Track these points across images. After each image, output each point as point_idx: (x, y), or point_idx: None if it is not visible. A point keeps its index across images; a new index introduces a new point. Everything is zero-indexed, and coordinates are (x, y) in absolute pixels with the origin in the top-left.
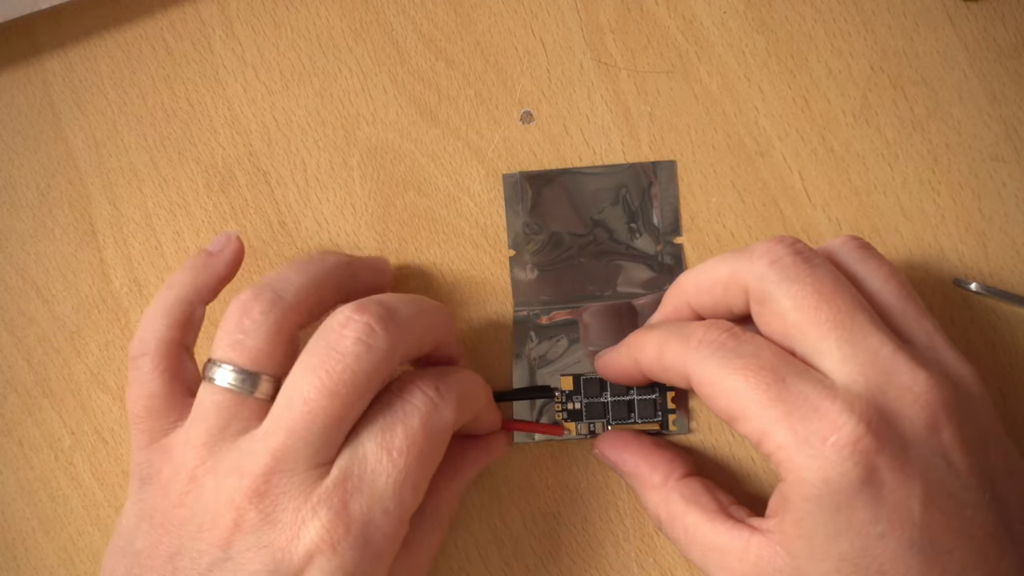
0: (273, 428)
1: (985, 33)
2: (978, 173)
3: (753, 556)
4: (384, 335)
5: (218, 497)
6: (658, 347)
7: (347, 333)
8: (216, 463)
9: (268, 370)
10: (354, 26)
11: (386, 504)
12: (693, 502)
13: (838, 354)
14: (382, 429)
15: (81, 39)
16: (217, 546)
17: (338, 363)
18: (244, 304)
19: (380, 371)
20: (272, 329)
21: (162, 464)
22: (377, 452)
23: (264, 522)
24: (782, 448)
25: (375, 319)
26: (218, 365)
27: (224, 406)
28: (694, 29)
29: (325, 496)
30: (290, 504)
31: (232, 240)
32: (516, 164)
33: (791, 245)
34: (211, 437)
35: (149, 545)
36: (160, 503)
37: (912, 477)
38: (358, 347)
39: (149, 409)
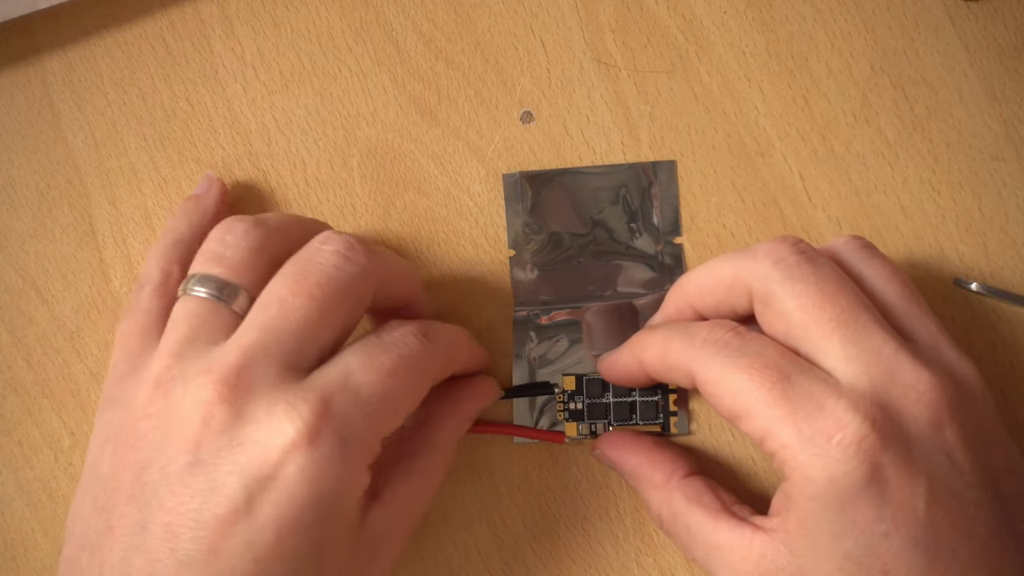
0: (246, 327)
1: (985, 33)
2: (978, 173)
3: (756, 555)
4: (363, 253)
5: (184, 399)
6: (662, 347)
7: (327, 247)
8: (183, 369)
9: (245, 284)
10: (354, 26)
11: (367, 410)
12: (696, 501)
13: (842, 353)
14: (369, 352)
15: (81, 39)
16: (186, 450)
17: (316, 269)
18: (227, 223)
19: (358, 286)
20: (253, 246)
21: (128, 383)
22: (363, 367)
23: (236, 418)
24: (786, 447)
25: (355, 240)
26: (197, 278)
27: (197, 314)
28: (694, 29)
29: (303, 393)
30: (263, 400)
31: (214, 181)
32: (516, 164)
33: (794, 245)
34: (179, 345)
35: (115, 466)
36: (124, 419)
37: (916, 475)
38: (337, 258)
39: (140, 326)
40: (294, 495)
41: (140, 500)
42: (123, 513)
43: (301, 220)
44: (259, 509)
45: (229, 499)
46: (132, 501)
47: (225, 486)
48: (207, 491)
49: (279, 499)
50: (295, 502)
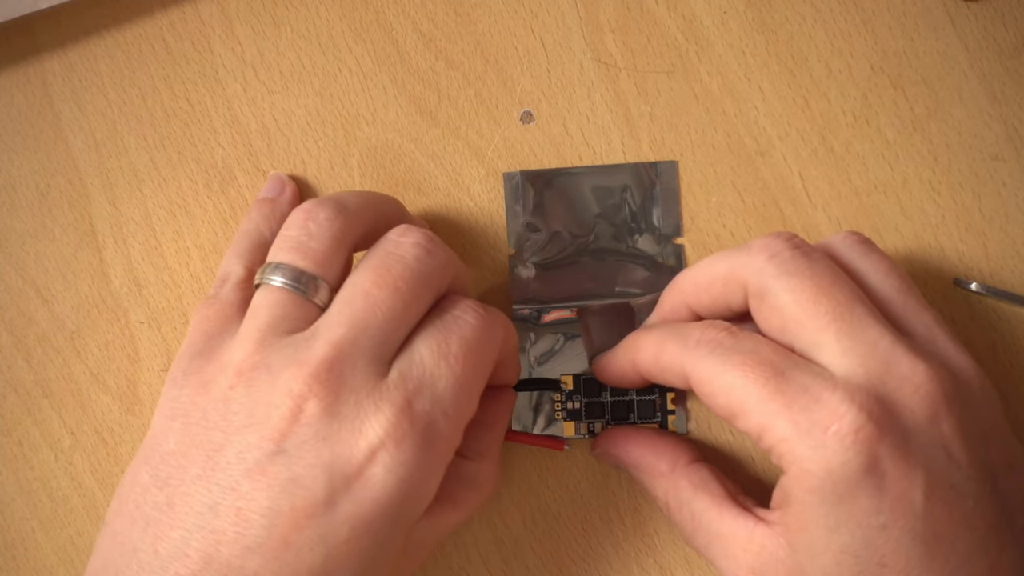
0: (333, 322)
1: (985, 33)
2: (978, 173)
3: (756, 546)
4: (440, 246)
5: (273, 388)
6: (656, 348)
7: (405, 240)
8: (267, 357)
9: (327, 276)
10: (354, 26)
11: (445, 407)
12: (701, 488)
13: (837, 347)
14: (436, 338)
15: (81, 39)
16: (269, 439)
17: (398, 263)
18: (309, 210)
19: (435, 278)
20: (336, 235)
21: (204, 364)
22: (434, 357)
23: (325, 413)
24: (783, 440)
25: (430, 234)
26: (277, 267)
27: (279, 304)
28: (694, 29)
29: (387, 393)
30: (351, 397)
31: (286, 183)
32: (516, 164)
33: (789, 240)
34: (262, 334)
35: (185, 443)
36: (199, 399)
37: (914, 467)
38: (417, 250)
39: (220, 312)
40: (376, 496)
41: (211, 481)
42: (189, 492)
43: (377, 202)
44: (339, 506)
45: (310, 492)
46: (201, 481)
47: (307, 478)
48: (287, 481)
49: (361, 498)
50: (376, 503)
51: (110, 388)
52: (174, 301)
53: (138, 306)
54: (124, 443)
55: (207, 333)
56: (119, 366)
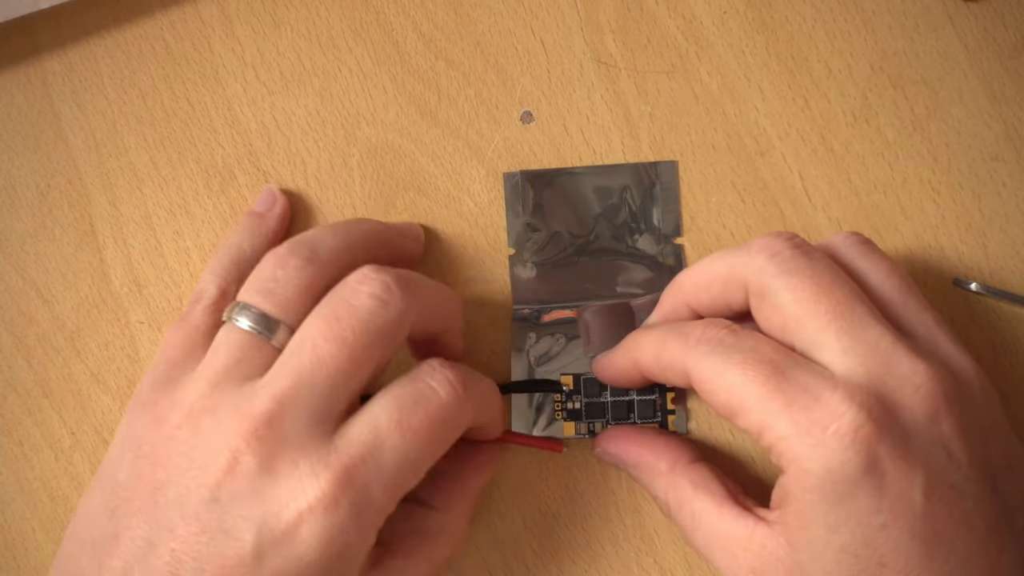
0: (279, 373)
1: (985, 33)
2: (978, 173)
3: (757, 545)
4: (400, 295)
5: (214, 436)
6: (656, 347)
7: (363, 288)
8: (217, 402)
9: (290, 320)
10: (354, 26)
11: (386, 479)
12: (702, 487)
13: (838, 346)
14: (400, 405)
15: (81, 39)
16: (206, 486)
17: (351, 314)
18: (280, 256)
19: (392, 330)
20: (304, 284)
21: (161, 396)
22: (391, 425)
23: (260, 470)
24: (783, 439)
25: (393, 279)
26: (242, 307)
27: (238, 346)
28: (694, 29)
29: (328, 456)
30: (288, 455)
31: (278, 197)
32: (516, 164)
33: (789, 239)
34: (217, 375)
35: (133, 476)
36: (150, 434)
37: (914, 467)
38: (372, 302)
39: (186, 338)
40: (302, 556)
41: (151, 518)
42: (132, 525)
43: (353, 243)
44: (266, 562)
45: (238, 545)
46: (143, 515)
47: (236, 530)
48: (218, 531)
49: (287, 557)
50: (302, 563)
51: (110, 388)
52: (174, 301)
53: (138, 306)
54: None
55: (171, 361)
56: (119, 366)
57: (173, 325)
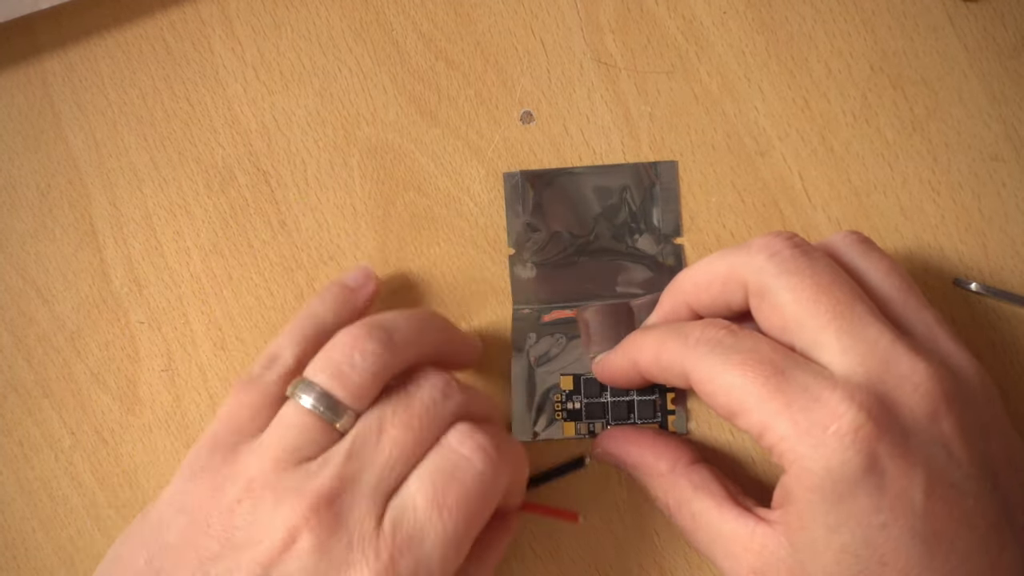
0: (343, 453)
1: (985, 33)
2: (978, 173)
3: (758, 545)
4: (457, 391)
5: (275, 513)
6: (656, 348)
7: (425, 383)
8: (279, 480)
9: (359, 407)
10: (354, 26)
11: (431, 566)
12: (702, 488)
13: (837, 345)
14: (434, 483)
15: (81, 39)
16: (258, 563)
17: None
18: (358, 338)
19: (448, 420)
20: (377, 370)
21: (222, 465)
22: (427, 507)
23: (316, 550)
24: (784, 439)
25: (449, 378)
26: (313, 387)
27: (306, 428)
28: (694, 29)
29: (375, 543)
30: (344, 537)
31: (371, 278)
32: (516, 164)
33: (789, 239)
34: (284, 453)
35: (183, 542)
36: (207, 503)
37: (914, 466)
38: (435, 392)
39: (257, 402)
40: None
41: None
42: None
43: (422, 335)
44: None
45: None
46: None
47: None
48: None
49: None
50: None
51: (110, 388)
52: (174, 301)
53: (138, 306)
54: (124, 443)
55: (237, 424)
56: (119, 366)
57: (241, 384)
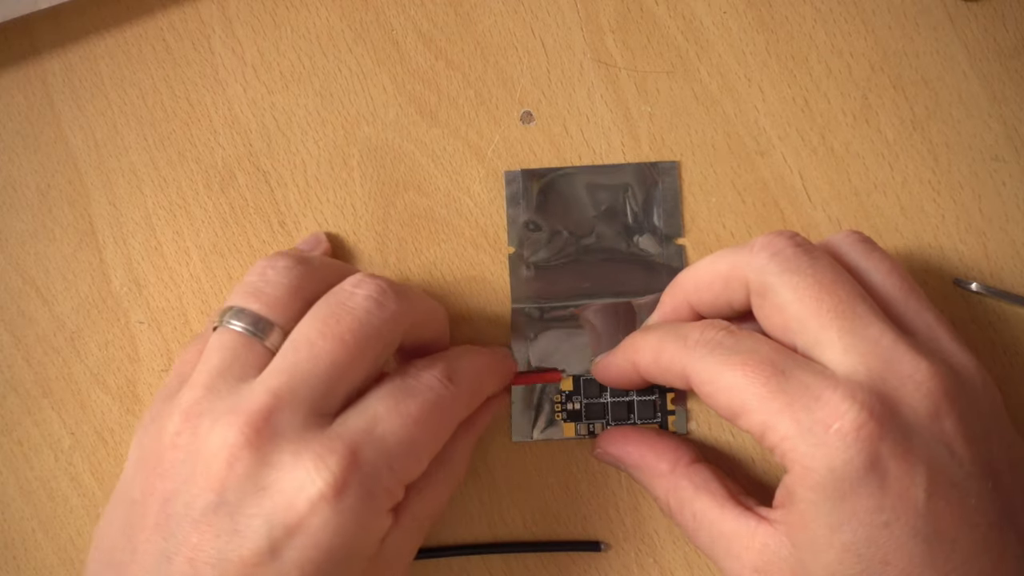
0: (275, 368)
1: (985, 33)
2: (978, 173)
3: (759, 544)
4: (395, 298)
5: (211, 437)
6: (655, 349)
7: (358, 291)
8: (212, 404)
9: (281, 321)
10: (354, 26)
11: (392, 461)
12: (703, 488)
13: (839, 344)
14: (395, 396)
15: (81, 39)
16: (210, 489)
17: (347, 314)
18: (271, 257)
19: (387, 332)
20: (294, 283)
21: (162, 408)
22: (389, 412)
23: (261, 463)
24: (786, 439)
25: (387, 283)
26: (232, 310)
27: (230, 347)
28: (694, 29)
29: (332, 442)
30: (289, 447)
31: (321, 241)
32: (516, 164)
33: (791, 238)
34: (211, 378)
35: (143, 492)
36: (155, 446)
37: (916, 465)
38: (368, 303)
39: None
40: (319, 543)
41: (165, 531)
42: (148, 539)
43: (344, 266)
44: (284, 554)
45: (253, 543)
46: (158, 530)
47: (249, 529)
48: (231, 532)
49: (304, 546)
50: (320, 549)
51: (110, 388)
52: (174, 301)
53: (138, 306)
54: (124, 443)
55: (180, 375)
56: (119, 366)
57: (188, 342)
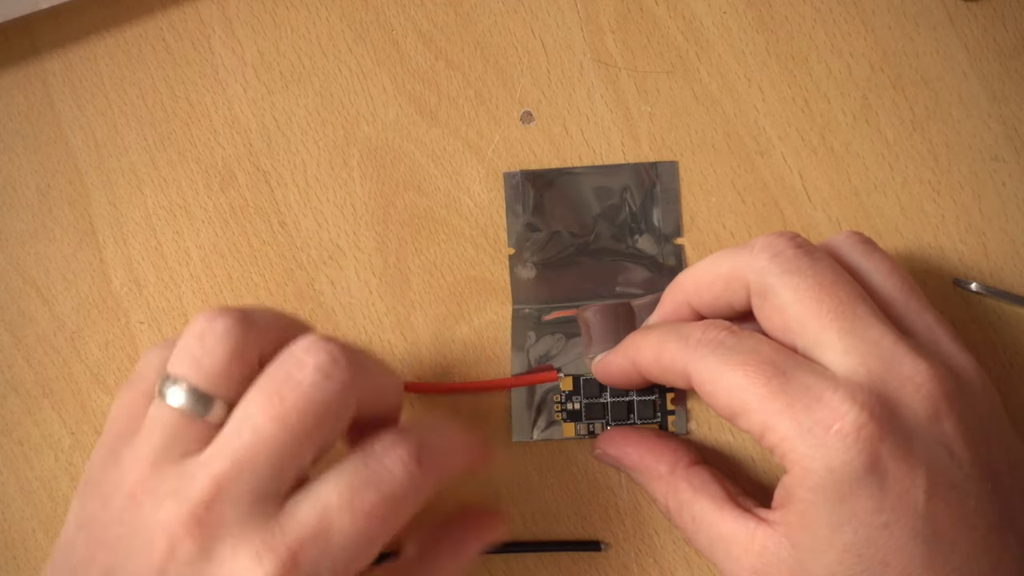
0: (218, 454)
1: (985, 33)
2: (978, 173)
3: (758, 546)
4: (347, 368)
5: (154, 520)
6: (656, 348)
7: (308, 360)
8: (157, 483)
9: (222, 393)
10: (354, 26)
11: (336, 565)
12: (701, 490)
13: (840, 345)
14: (352, 486)
15: (81, 39)
16: (151, 571)
17: (294, 390)
18: (208, 319)
19: (338, 406)
20: (236, 349)
21: (107, 472)
22: (341, 508)
23: (200, 555)
24: (786, 439)
25: (339, 350)
26: (172, 381)
27: (171, 425)
28: (694, 29)
29: (272, 539)
30: (230, 539)
31: None
32: (516, 164)
33: (792, 239)
34: (155, 455)
35: (85, 557)
36: (99, 514)
37: (916, 466)
38: (317, 375)
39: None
40: None
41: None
42: None
43: (293, 321)
44: None
45: None
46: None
47: None
48: None
49: None
50: None
51: (110, 388)
52: (174, 301)
53: (138, 306)
54: None
55: (118, 431)
56: (119, 366)
57: (123, 387)
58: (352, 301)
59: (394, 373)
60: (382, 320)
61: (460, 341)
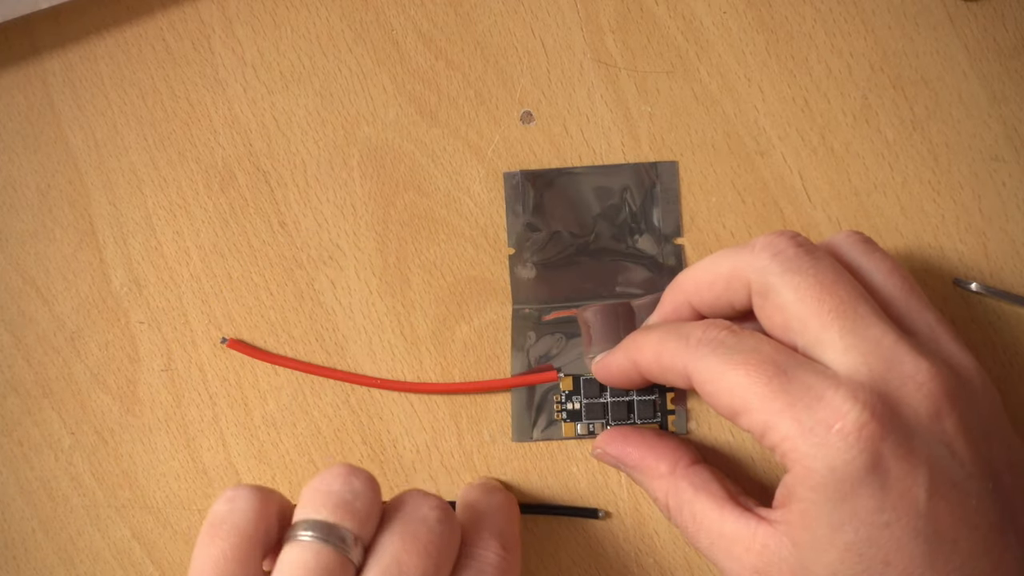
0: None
1: (985, 33)
2: (978, 173)
3: (759, 545)
4: (452, 512)
5: None
6: (656, 348)
7: (425, 504)
8: None
9: (365, 535)
10: (354, 26)
11: None
12: (702, 489)
13: (840, 344)
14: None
15: (81, 39)
16: None
17: (425, 528)
18: (346, 470)
19: (456, 540)
20: (377, 496)
21: None
22: None
23: None
24: (787, 439)
25: (439, 499)
26: (322, 525)
27: (328, 569)
28: (694, 29)
29: None
30: None
31: None
32: (516, 164)
33: (792, 238)
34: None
35: None
36: None
37: (917, 465)
38: (438, 513)
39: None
40: None
41: None
42: None
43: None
44: None
45: None
46: None
47: None
48: None
49: None
50: None
51: (110, 388)
52: (174, 301)
53: (138, 306)
54: (124, 443)
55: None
56: (119, 366)
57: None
58: (352, 301)
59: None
60: (382, 320)
61: (460, 341)
